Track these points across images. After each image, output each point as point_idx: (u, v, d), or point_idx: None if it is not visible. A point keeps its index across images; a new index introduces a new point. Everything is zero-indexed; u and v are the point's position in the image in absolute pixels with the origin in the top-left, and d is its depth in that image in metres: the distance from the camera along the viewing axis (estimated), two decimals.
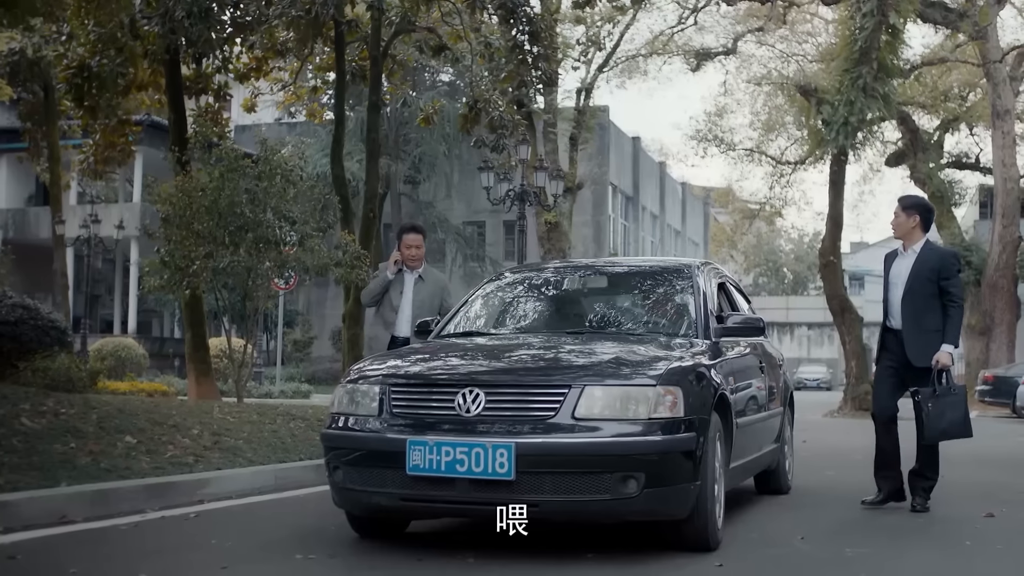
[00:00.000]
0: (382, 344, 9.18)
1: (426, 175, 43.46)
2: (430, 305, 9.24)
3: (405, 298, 9.34)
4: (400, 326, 9.30)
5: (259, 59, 21.41)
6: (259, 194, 14.84)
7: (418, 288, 9.39)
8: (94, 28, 17.67)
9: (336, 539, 6.21)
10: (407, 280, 9.43)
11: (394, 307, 9.34)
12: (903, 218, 8.17)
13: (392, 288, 9.41)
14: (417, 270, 9.45)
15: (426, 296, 9.35)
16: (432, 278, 9.58)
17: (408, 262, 9.39)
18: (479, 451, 5.34)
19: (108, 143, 21.33)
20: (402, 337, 9.16)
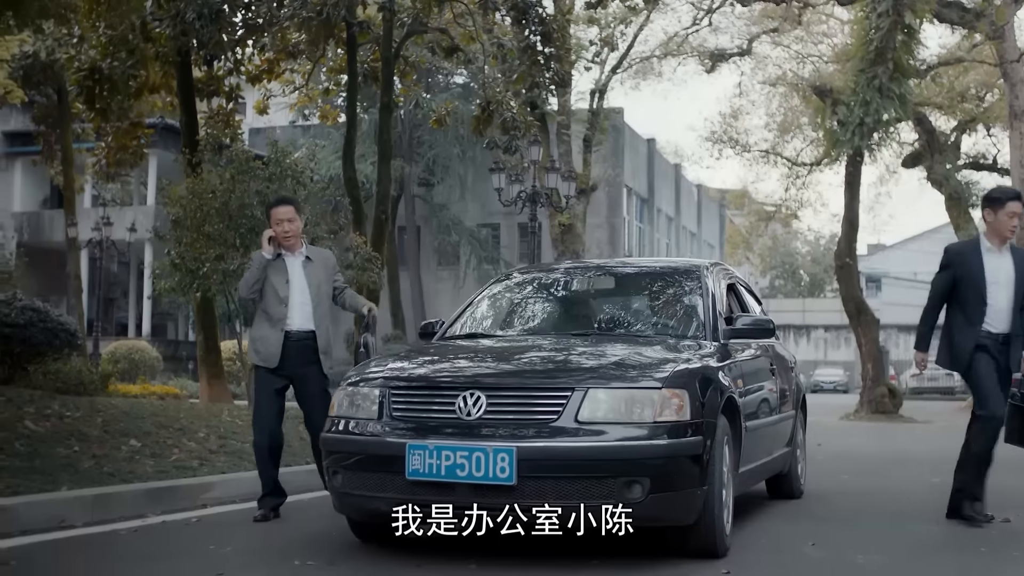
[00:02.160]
0: (272, 345, 7.44)
1: (440, 177, 43.36)
2: (326, 288, 7.73)
3: (295, 285, 7.52)
4: (293, 318, 7.48)
5: (271, 61, 21.39)
6: (270, 196, 14.77)
7: (309, 271, 7.60)
8: (105, 30, 17.64)
9: (336, 545, 6.11)
10: (291, 264, 7.56)
11: (281, 298, 7.47)
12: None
13: (273, 275, 7.51)
14: (299, 250, 7.64)
15: (322, 278, 7.68)
16: (320, 257, 7.85)
17: (283, 241, 7.49)
18: (480, 455, 5.23)
19: (120, 145, 21.31)
20: (297, 331, 7.48)
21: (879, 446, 16.06)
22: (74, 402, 9.94)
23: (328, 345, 7.59)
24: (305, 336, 7.49)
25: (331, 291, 7.77)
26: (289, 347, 7.43)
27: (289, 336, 7.45)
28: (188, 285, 15.28)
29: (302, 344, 7.46)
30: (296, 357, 7.44)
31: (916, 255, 67.19)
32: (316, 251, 7.92)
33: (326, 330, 7.59)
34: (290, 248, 7.55)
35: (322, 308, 7.61)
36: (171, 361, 33.89)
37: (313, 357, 7.49)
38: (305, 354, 7.46)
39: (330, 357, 7.57)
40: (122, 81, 18.08)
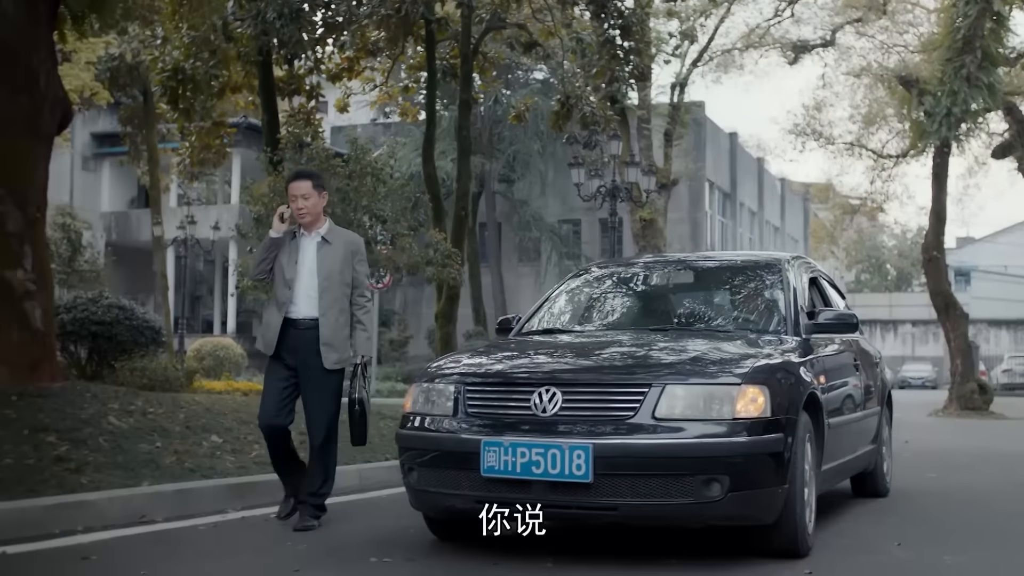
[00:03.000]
0: (271, 331, 6.78)
1: (520, 173, 43.34)
2: (340, 276, 6.80)
3: (303, 267, 6.74)
4: (298, 304, 6.73)
5: (351, 59, 21.48)
6: (350, 193, 14.89)
7: (323, 254, 6.79)
8: (188, 31, 17.85)
9: (414, 542, 6.08)
10: (305, 245, 6.81)
11: (286, 280, 6.74)
12: None
13: (283, 256, 6.80)
14: (318, 230, 6.84)
15: (335, 263, 6.79)
16: (340, 239, 6.94)
17: (298, 219, 6.77)
18: (555, 452, 5.16)
19: (203, 145, 21.53)
20: (302, 319, 6.72)
21: (968, 443, 15.71)
22: (157, 398, 10.03)
23: (334, 336, 6.72)
24: (311, 325, 6.70)
25: (348, 278, 6.83)
26: (292, 335, 6.71)
27: (292, 323, 6.72)
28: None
29: (308, 333, 6.69)
30: (300, 347, 6.70)
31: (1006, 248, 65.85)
32: (339, 233, 7.03)
33: (334, 320, 6.73)
34: (306, 227, 6.80)
35: (331, 295, 6.73)
36: (256, 358, 34.16)
37: (317, 348, 6.69)
38: (310, 345, 6.68)
39: (336, 350, 6.72)
40: (205, 81, 18.30)
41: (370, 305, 7.00)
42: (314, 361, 6.67)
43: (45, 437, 7.74)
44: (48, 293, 9.85)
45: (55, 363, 10.03)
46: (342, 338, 6.78)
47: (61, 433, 7.87)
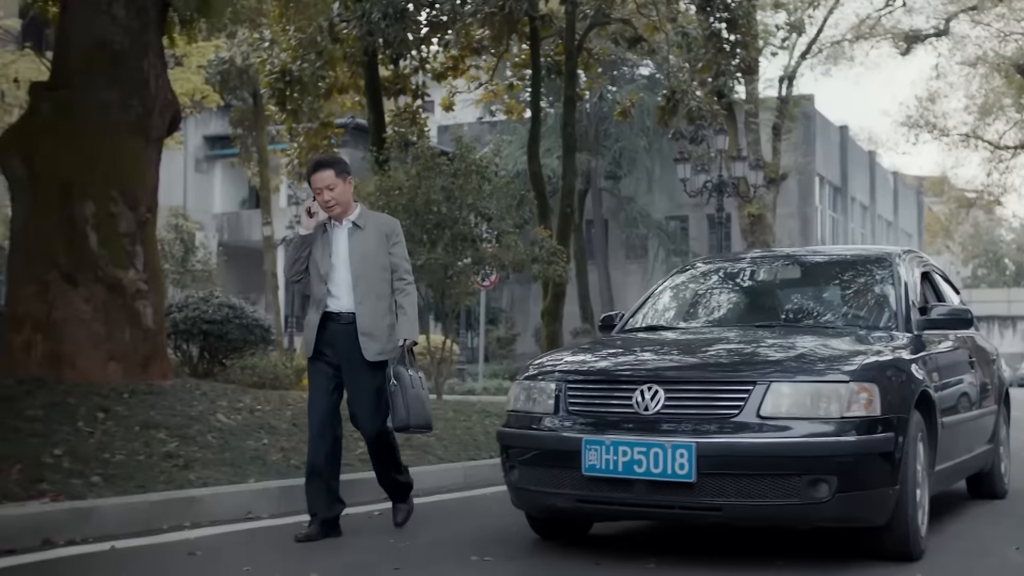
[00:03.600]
0: (310, 329, 6.41)
1: (627, 170, 43.09)
2: (376, 261, 6.39)
3: (337, 258, 6.36)
4: (337, 297, 6.33)
5: (455, 58, 21.57)
6: (455, 191, 14.92)
7: (355, 240, 6.38)
8: (294, 34, 18.10)
9: (516, 540, 6.04)
10: (336, 236, 6.42)
11: (321, 275, 6.36)
12: None
13: (316, 251, 6.43)
14: (348, 216, 6.44)
15: (369, 248, 6.39)
16: (373, 223, 6.52)
17: (326, 211, 6.36)
18: (658, 451, 5.08)
19: (311, 145, 21.79)
20: (341, 312, 6.33)
21: None
22: (265, 396, 10.16)
23: (374, 326, 6.29)
24: (351, 318, 6.29)
25: (385, 263, 6.40)
26: (332, 330, 6.29)
27: (331, 318, 6.31)
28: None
29: (349, 327, 6.28)
30: (342, 343, 6.28)
31: None
32: (371, 216, 6.64)
33: (371, 308, 6.30)
34: (337, 218, 6.40)
35: (367, 281, 6.31)
36: None
37: (357, 341, 6.27)
38: (351, 338, 6.25)
39: (376, 340, 6.27)
40: (311, 82, 18.56)
41: (411, 288, 6.50)
42: (355, 354, 6.24)
43: (155, 434, 7.87)
44: (159, 292, 10.02)
45: (166, 361, 10.20)
46: (383, 327, 6.32)
47: (171, 430, 8.00)
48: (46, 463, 6.73)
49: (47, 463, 6.73)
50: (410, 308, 6.43)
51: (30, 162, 9.55)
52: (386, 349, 6.29)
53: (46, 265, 9.30)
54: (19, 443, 7.00)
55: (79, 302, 9.30)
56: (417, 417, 6.23)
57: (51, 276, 9.28)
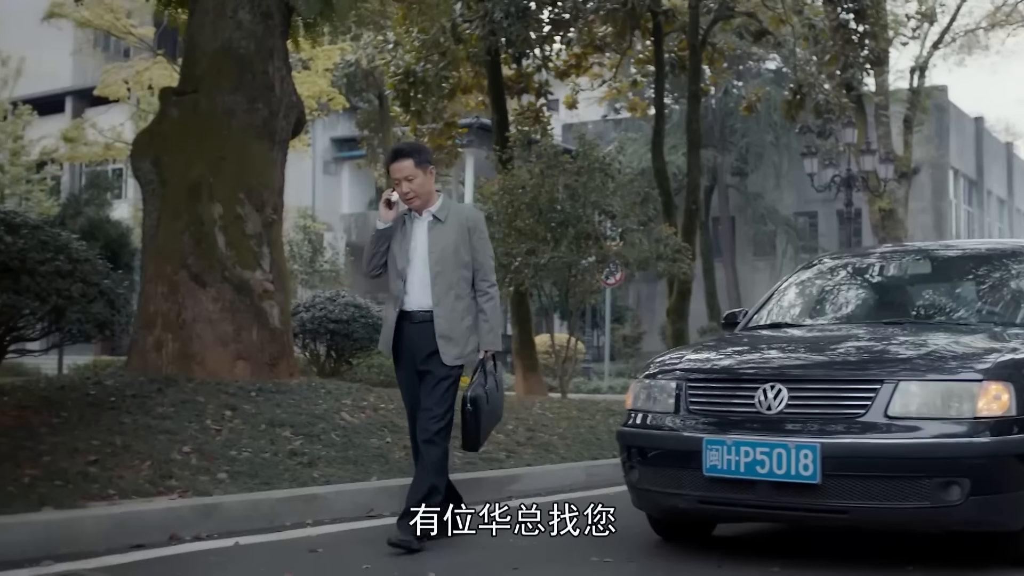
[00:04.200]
0: (387, 328, 6.09)
1: (753, 166, 42.57)
2: (456, 257, 5.92)
3: (415, 253, 5.95)
4: (412, 295, 5.94)
5: (578, 55, 21.53)
6: (578, 189, 14.90)
7: (435, 234, 5.94)
8: (418, 35, 18.24)
9: (637, 542, 5.96)
10: (416, 229, 6.00)
11: (398, 271, 5.98)
12: None
13: (395, 245, 6.04)
14: (429, 209, 6.00)
15: (449, 243, 5.92)
16: (456, 215, 6.04)
17: (407, 203, 5.97)
18: (781, 452, 4.95)
19: (436, 146, 21.96)
20: (417, 310, 5.92)
21: None
22: (389, 394, 10.22)
23: (452, 328, 5.86)
24: (426, 317, 5.87)
25: (466, 259, 5.94)
26: (409, 330, 5.92)
27: (406, 316, 5.93)
28: (501, 280, 15.58)
29: (423, 327, 5.88)
30: (418, 342, 5.91)
31: None
32: (454, 208, 6.14)
33: (450, 308, 5.87)
34: (416, 210, 5.99)
35: (445, 280, 5.88)
36: None
37: (434, 343, 5.87)
38: (427, 339, 5.86)
39: (455, 343, 5.86)
40: (435, 83, 18.70)
41: (494, 291, 6.06)
42: (432, 357, 5.85)
43: (281, 432, 7.98)
44: (285, 293, 10.16)
45: (292, 360, 10.34)
46: (462, 329, 5.90)
47: (296, 428, 8.09)
48: (174, 460, 6.86)
49: (175, 460, 6.87)
50: (492, 314, 6.00)
51: (160, 165, 9.77)
52: (464, 353, 5.90)
53: (175, 266, 9.50)
54: (149, 440, 7.16)
55: (207, 302, 9.48)
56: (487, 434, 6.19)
57: (180, 276, 9.47)
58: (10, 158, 30.61)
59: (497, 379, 6.01)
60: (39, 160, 32.78)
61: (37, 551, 5.06)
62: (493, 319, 5.99)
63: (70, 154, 31.83)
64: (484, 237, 6.08)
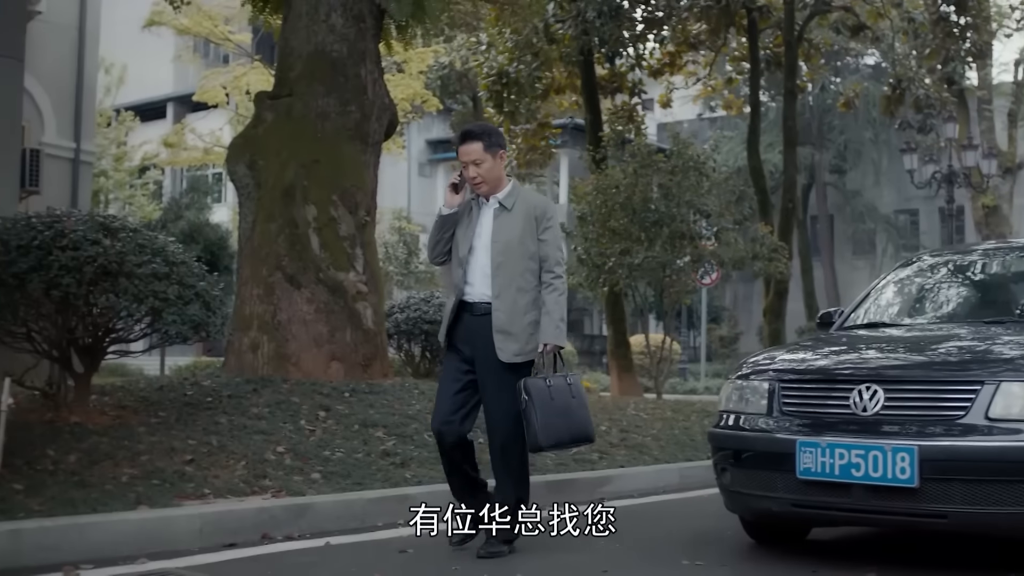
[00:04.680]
0: (446, 316, 5.73)
1: (852, 163, 41.92)
2: (521, 247, 5.55)
3: (479, 241, 5.61)
4: (474, 285, 5.58)
5: (672, 54, 21.39)
6: (673, 188, 14.82)
7: (500, 222, 5.59)
8: (510, 36, 18.27)
9: (730, 545, 5.87)
10: (482, 215, 5.66)
11: (460, 259, 5.63)
12: None
13: (459, 231, 5.70)
14: (496, 195, 5.65)
15: (514, 232, 5.56)
16: (523, 204, 5.67)
17: (474, 188, 5.64)
18: (876, 454, 4.82)
19: (530, 146, 22.00)
20: (478, 302, 5.56)
21: None
22: None
23: (512, 322, 5.49)
24: (487, 309, 5.53)
25: (532, 250, 5.57)
26: (468, 322, 5.58)
27: (465, 308, 5.60)
28: (595, 280, 15.55)
29: (484, 320, 5.53)
30: (476, 337, 5.54)
31: None
32: (522, 195, 5.74)
33: (511, 302, 5.50)
34: (484, 196, 5.66)
35: (508, 271, 5.52)
36: (586, 355, 34.69)
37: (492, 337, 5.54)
38: (486, 333, 5.51)
39: (514, 339, 5.48)
40: (528, 83, 18.72)
41: (560, 283, 5.62)
42: (490, 353, 5.49)
43: (374, 432, 8.02)
44: (378, 294, 10.23)
45: (386, 360, 10.41)
46: (523, 325, 5.50)
47: (389, 428, 8.13)
48: (269, 460, 6.93)
49: (269, 460, 6.94)
50: (555, 307, 5.55)
51: (255, 169, 9.91)
52: (525, 350, 5.50)
53: (271, 268, 9.63)
54: (244, 440, 7.25)
55: (302, 303, 9.60)
56: (554, 434, 5.43)
57: (275, 278, 9.60)
58: (114, 163, 31.33)
59: (571, 382, 5.50)
60: (141, 165, 33.51)
61: (132, 549, 5.14)
62: (555, 312, 5.54)
63: (171, 159, 32.50)
64: (553, 227, 5.69)
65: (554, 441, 5.47)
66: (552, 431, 5.38)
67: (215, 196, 35.04)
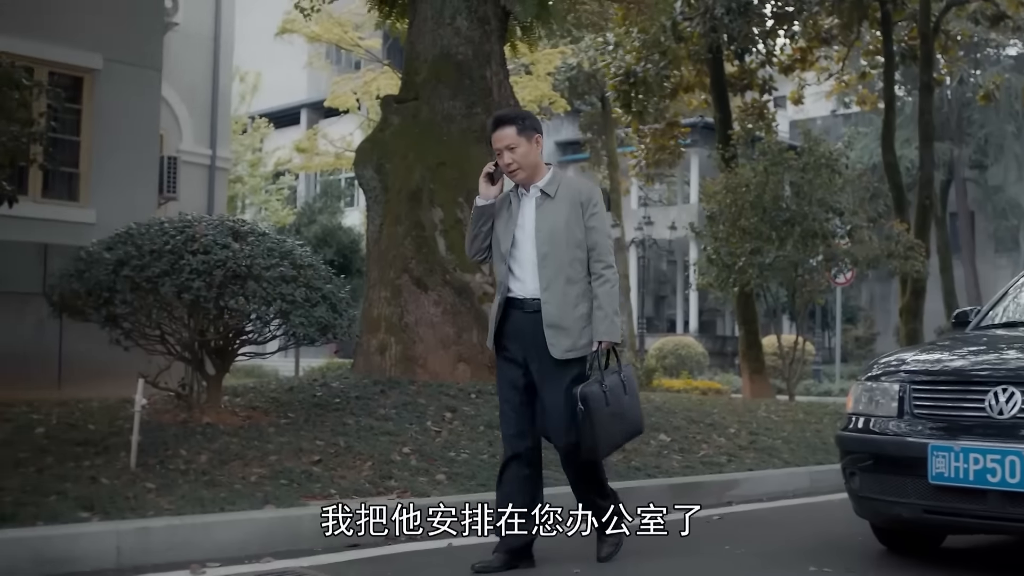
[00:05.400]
0: (492, 318, 5.32)
1: (993, 158, 40.68)
2: (567, 236, 5.12)
3: (523, 232, 5.19)
4: (522, 280, 5.16)
5: (803, 49, 21.00)
6: (804, 186, 14.59)
7: (543, 211, 5.17)
8: (638, 35, 18.16)
9: (859, 551, 5.71)
10: (523, 206, 5.23)
11: (502, 253, 5.23)
12: None
13: (499, 224, 5.27)
14: (536, 183, 5.23)
15: (559, 221, 5.14)
16: (567, 189, 5.23)
17: (510, 176, 5.22)
18: (1014, 459, 4.63)
19: (658, 146, 21.87)
20: (526, 298, 5.13)
21: None
22: None
23: (563, 316, 5.07)
24: (536, 305, 5.11)
25: (579, 238, 5.13)
26: (516, 320, 5.17)
27: (514, 304, 5.18)
28: (725, 280, 15.38)
29: (534, 316, 5.11)
30: (527, 335, 5.13)
31: None
32: (564, 182, 5.30)
33: (560, 294, 5.09)
34: (523, 185, 5.24)
35: (554, 263, 5.10)
36: (717, 356, 34.32)
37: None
38: (537, 330, 5.09)
39: (566, 334, 5.07)
40: (656, 82, 18.60)
41: (611, 274, 5.18)
42: (543, 350, 5.07)
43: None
44: None
45: None
46: (574, 318, 5.09)
47: None
48: (395, 461, 6.98)
49: (395, 461, 6.99)
50: (607, 301, 5.12)
51: (382, 172, 10.02)
52: (578, 345, 5.07)
53: (398, 270, 9.71)
54: (371, 441, 7.31)
55: (429, 305, 9.66)
56: (611, 441, 5.14)
57: (403, 280, 9.68)
58: (249, 169, 32.05)
59: (625, 378, 5.10)
60: (275, 171, 34.21)
61: (258, 548, 5.23)
62: (608, 306, 5.11)
63: (303, 164, 33.11)
64: (599, 213, 5.22)
65: (612, 448, 5.28)
66: (609, 439, 5.11)
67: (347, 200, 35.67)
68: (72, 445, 6.68)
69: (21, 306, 10.50)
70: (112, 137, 11.94)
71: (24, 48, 10.86)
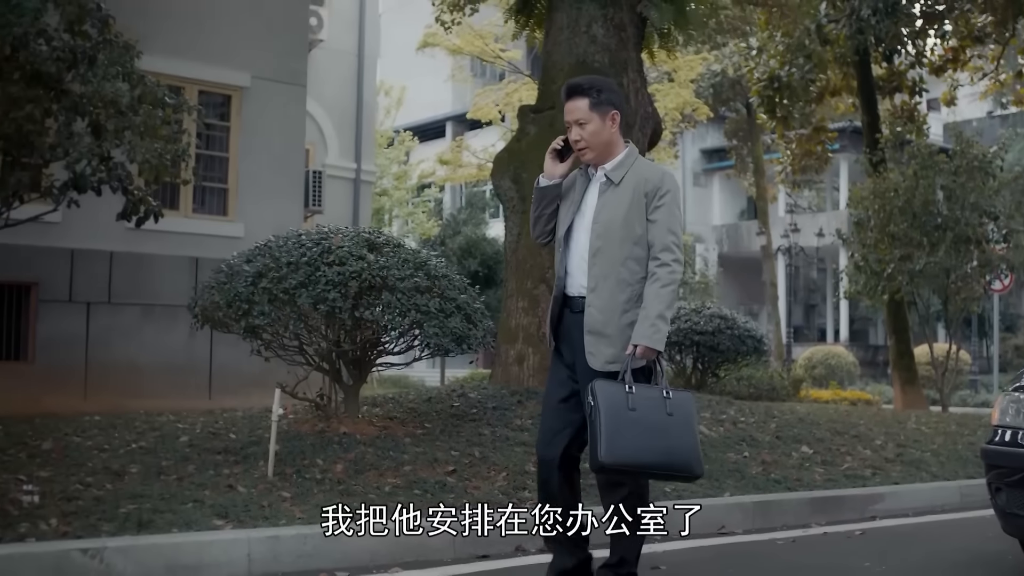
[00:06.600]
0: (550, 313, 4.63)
1: None
2: (624, 230, 4.42)
3: (583, 219, 4.54)
4: (574, 275, 4.51)
5: (955, 49, 20.33)
6: (956, 190, 14.20)
7: (605, 200, 4.51)
8: (782, 39, 17.86)
9: (1007, 570, 5.49)
10: (588, 189, 4.60)
11: (559, 241, 4.62)
12: None
13: (563, 207, 4.65)
14: (603, 167, 4.57)
15: (618, 212, 4.45)
16: (634, 176, 4.50)
17: (579, 155, 4.58)
18: None
19: (805, 152, 21.44)
20: (576, 296, 4.50)
21: None
22: (750, 407, 10.00)
23: (607, 322, 4.40)
24: (582, 305, 4.49)
25: (638, 234, 4.42)
26: (567, 320, 4.57)
27: (567, 303, 4.57)
28: (874, 287, 15.03)
29: (580, 317, 4.49)
30: (573, 338, 4.53)
31: None
32: (633, 168, 4.53)
33: (608, 297, 4.42)
34: (592, 165, 4.60)
35: (606, 259, 4.44)
36: (868, 366, 33.50)
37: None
38: (582, 333, 4.48)
39: (608, 342, 4.39)
40: (801, 87, 18.25)
41: (665, 273, 4.38)
42: (583, 358, 4.45)
43: None
44: None
45: None
46: (621, 326, 4.39)
47: None
48: (529, 472, 6.93)
49: (530, 472, 6.93)
50: (653, 302, 4.35)
51: (519, 182, 10.00)
52: (622, 356, 4.34)
53: (535, 280, 9.68)
54: (506, 452, 7.30)
55: None
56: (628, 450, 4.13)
57: (540, 291, 9.64)
58: (395, 182, 32.52)
59: (669, 395, 4.27)
60: (419, 183, 34.64)
61: (387, 559, 5.24)
62: (653, 308, 4.33)
63: (447, 176, 33.45)
64: (666, 205, 4.46)
65: (626, 460, 4.13)
66: (622, 445, 4.12)
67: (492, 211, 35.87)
68: (213, 454, 6.82)
69: (173, 319, 10.81)
70: (259, 152, 12.22)
71: (175, 68, 11.21)
